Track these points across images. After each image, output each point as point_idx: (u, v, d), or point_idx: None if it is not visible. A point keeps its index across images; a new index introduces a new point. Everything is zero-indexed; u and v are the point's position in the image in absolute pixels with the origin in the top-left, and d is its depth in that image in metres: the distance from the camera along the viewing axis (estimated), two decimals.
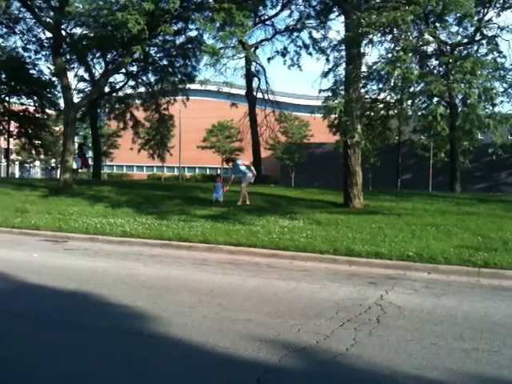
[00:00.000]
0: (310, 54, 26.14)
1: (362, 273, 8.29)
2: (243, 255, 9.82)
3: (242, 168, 16.94)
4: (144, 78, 30.22)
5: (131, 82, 30.85)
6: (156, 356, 4.27)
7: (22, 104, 35.82)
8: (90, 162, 32.20)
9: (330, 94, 13.61)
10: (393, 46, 12.87)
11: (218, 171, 62.52)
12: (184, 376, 3.88)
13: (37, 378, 3.77)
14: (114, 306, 5.79)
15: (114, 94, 31.94)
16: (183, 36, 23.38)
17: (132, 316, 5.38)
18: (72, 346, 4.51)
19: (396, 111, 16.10)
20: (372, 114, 16.23)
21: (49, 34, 26.22)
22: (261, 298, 6.37)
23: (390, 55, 12.46)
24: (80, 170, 28.15)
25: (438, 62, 13.22)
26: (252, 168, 17.28)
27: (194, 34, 22.79)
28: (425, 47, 12.89)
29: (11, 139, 39.12)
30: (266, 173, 49.56)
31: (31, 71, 32.20)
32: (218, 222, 12.52)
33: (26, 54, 30.68)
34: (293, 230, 11.49)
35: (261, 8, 22.52)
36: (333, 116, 14.26)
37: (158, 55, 27.23)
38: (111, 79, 28.53)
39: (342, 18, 17.26)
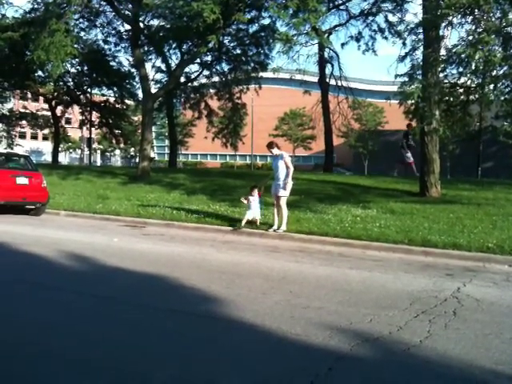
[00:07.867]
0: (386, 38, 25.36)
1: (438, 264, 8.04)
2: (314, 243, 9.82)
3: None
4: (218, 68, 30.70)
5: (206, 72, 31.42)
6: (230, 340, 4.37)
7: (102, 95, 37.57)
8: (167, 150, 32.28)
9: (406, 79, 13.17)
10: (474, 27, 12.26)
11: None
12: (256, 360, 3.95)
13: (118, 354, 3.98)
14: (190, 290, 5.97)
15: (190, 84, 32.66)
16: (256, 24, 23.50)
17: (207, 300, 5.53)
18: (151, 326, 4.70)
19: (477, 96, 15.28)
20: (451, 99, 15.50)
21: (127, 27, 27.22)
22: (332, 286, 6.34)
23: (471, 37, 11.89)
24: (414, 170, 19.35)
25: None
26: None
27: (267, 21, 22.89)
28: (509, 28, 12.15)
29: (93, 129, 41.06)
30: (338, 161, 49.04)
31: (111, 63, 33.63)
32: (288, 209, 12.55)
33: (106, 47, 32.12)
34: (365, 219, 11.33)
35: None
36: (409, 102, 13.82)
37: (231, 44, 27.53)
38: (186, 69, 29.21)
39: (419, 0, 16.65)
